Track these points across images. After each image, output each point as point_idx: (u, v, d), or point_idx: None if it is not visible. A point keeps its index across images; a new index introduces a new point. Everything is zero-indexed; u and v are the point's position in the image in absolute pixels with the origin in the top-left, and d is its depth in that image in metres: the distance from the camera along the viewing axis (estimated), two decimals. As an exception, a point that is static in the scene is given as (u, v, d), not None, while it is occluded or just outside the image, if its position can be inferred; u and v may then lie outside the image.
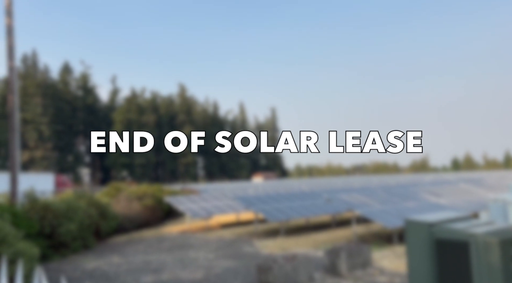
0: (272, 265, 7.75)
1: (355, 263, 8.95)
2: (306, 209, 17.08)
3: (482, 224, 5.29)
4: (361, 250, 9.19)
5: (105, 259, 12.33)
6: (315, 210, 17.08)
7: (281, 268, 7.78)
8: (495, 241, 4.61)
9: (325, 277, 8.68)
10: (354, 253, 8.98)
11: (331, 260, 8.88)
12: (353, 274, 8.78)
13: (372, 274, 8.74)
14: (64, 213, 13.68)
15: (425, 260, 5.25)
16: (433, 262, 5.15)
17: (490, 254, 4.65)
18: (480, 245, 4.72)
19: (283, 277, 7.79)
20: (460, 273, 4.83)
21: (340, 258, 8.70)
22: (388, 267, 9.38)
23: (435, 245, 5.13)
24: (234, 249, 13.18)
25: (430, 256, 5.20)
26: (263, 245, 13.69)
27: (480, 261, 4.70)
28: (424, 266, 5.26)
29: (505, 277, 4.58)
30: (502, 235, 4.83)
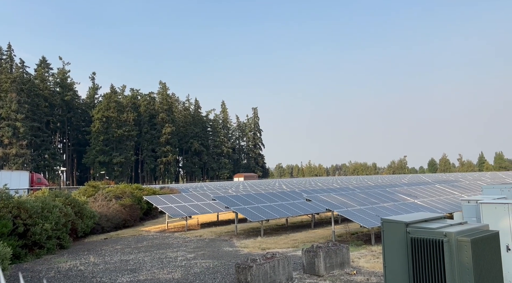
0: (251, 265, 7.76)
1: (333, 263, 9.05)
2: (286, 208, 17.16)
3: (455, 224, 5.43)
4: (339, 250, 9.29)
5: (82, 258, 12.11)
6: (295, 209, 17.19)
7: (260, 267, 7.80)
8: (467, 241, 4.74)
9: (303, 277, 8.74)
10: (332, 252, 9.08)
11: (309, 260, 8.95)
12: (331, 274, 8.87)
13: (350, 274, 8.85)
14: (39, 211, 13.37)
15: (401, 259, 5.35)
16: (408, 261, 5.26)
17: (462, 253, 4.77)
18: (453, 244, 4.84)
19: (262, 277, 7.81)
20: (434, 272, 4.94)
21: (319, 257, 8.78)
22: (365, 267, 9.52)
23: (410, 244, 5.24)
24: (214, 248, 13.14)
25: (406, 255, 5.30)
26: (242, 244, 13.69)
27: (452, 259, 4.83)
28: (400, 264, 5.36)
29: (476, 275, 4.71)
30: (473, 234, 4.97)
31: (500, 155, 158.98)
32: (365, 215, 13.11)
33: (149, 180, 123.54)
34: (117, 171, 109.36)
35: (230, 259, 11.11)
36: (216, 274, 9.32)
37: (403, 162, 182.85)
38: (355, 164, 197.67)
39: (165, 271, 9.85)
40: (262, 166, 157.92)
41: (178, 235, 17.02)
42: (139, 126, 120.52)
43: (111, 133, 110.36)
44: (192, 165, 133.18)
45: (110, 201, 21.64)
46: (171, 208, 19.22)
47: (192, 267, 10.22)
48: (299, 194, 20.20)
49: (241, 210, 16.03)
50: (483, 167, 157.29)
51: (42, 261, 12.04)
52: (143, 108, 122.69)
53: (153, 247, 13.95)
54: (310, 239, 14.21)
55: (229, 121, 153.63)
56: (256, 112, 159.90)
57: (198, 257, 11.69)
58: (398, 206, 14.63)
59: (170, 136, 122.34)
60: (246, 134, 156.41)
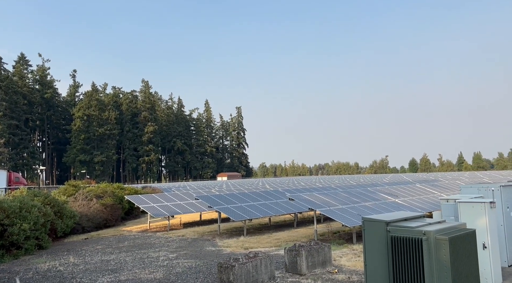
0: (233, 264, 7.75)
1: (315, 262, 9.12)
2: (269, 208, 17.20)
3: (434, 223, 5.54)
4: (321, 249, 9.36)
5: (61, 259, 11.90)
6: (278, 209, 17.24)
7: (242, 267, 7.80)
8: (445, 239, 4.85)
9: (285, 276, 8.78)
10: (314, 251, 9.14)
11: (291, 259, 9.00)
12: (313, 272, 8.94)
13: (331, 272, 8.94)
14: (17, 211, 13.07)
15: (381, 257, 5.43)
16: (389, 259, 5.34)
17: (440, 251, 4.87)
18: (431, 243, 4.94)
19: (244, 276, 7.81)
20: (413, 269, 5.03)
21: (301, 256, 8.83)
22: (347, 265, 9.62)
23: (390, 242, 5.32)
24: (196, 248, 13.08)
25: (386, 253, 5.38)
26: (225, 244, 13.67)
27: (431, 257, 4.92)
28: (380, 262, 5.44)
29: (453, 272, 4.82)
30: (451, 233, 5.08)
31: (478, 155, 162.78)
32: (347, 214, 13.25)
33: (131, 179, 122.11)
34: (98, 170, 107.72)
35: (212, 259, 11.08)
36: (199, 274, 9.29)
37: (385, 162, 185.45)
38: (338, 163, 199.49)
39: (146, 271, 9.76)
40: (246, 165, 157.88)
41: (160, 234, 16.88)
42: (121, 125, 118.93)
43: (92, 132, 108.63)
44: (175, 164, 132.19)
45: (91, 201, 21.31)
46: (153, 207, 19.04)
47: (174, 267, 10.15)
48: (282, 193, 20.28)
49: (224, 209, 16.00)
50: (462, 166, 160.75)
51: (20, 262, 11.78)
52: (125, 107, 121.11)
53: (135, 247, 13.80)
54: (293, 238, 14.29)
55: (212, 120, 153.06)
56: (240, 111, 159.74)
57: (180, 256, 11.62)
58: (379, 205, 14.83)
59: (152, 135, 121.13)
60: (230, 134, 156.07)
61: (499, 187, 9.13)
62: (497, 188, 9.13)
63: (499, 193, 9.07)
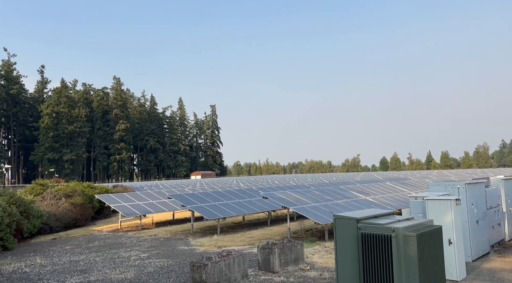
0: (206, 263, 7.71)
1: (287, 259, 9.19)
2: (243, 206, 17.21)
3: (403, 220, 5.68)
4: (293, 246, 9.45)
5: (27, 260, 11.51)
6: (252, 207, 17.27)
7: (215, 265, 7.77)
8: (413, 235, 4.98)
9: (258, 273, 8.81)
10: (287, 249, 9.21)
11: (264, 257, 9.04)
12: (286, 270, 9.01)
13: (303, 269, 9.03)
14: (-20, 211, 12.55)
15: (352, 254, 5.53)
16: (359, 255, 5.44)
17: (408, 247, 5.01)
18: (400, 239, 5.07)
19: (217, 275, 7.79)
20: (382, 265, 5.15)
21: (274, 254, 8.88)
22: (319, 262, 9.75)
23: (361, 239, 5.42)
24: (169, 247, 12.94)
25: (356, 250, 5.48)
26: (198, 243, 13.58)
27: (400, 253, 5.05)
28: (351, 259, 5.54)
29: (420, 267, 4.96)
30: (419, 229, 5.23)
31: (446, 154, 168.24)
32: (319, 211, 13.41)
33: (102, 178, 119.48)
34: (67, 169, 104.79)
35: (185, 258, 10.99)
36: (171, 273, 9.19)
37: (357, 160, 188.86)
38: (311, 162, 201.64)
39: (117, 271, 9.58)
40: (220, 164, 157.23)
41: (132, 234, 16.61)
42: (91, 122, 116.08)
43: (61, 130, 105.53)
44: (148, 163, 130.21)
45: (60, 200, 20.72)
46: (124, 206, 18.70)
47: (145, 267, 10.01)
48: (256, 192, 20.33)
49: (197, 208, 15.90)
50: (431, 165, 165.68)
51: (-17, 264, 11.32)
52: (96, 104, 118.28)
53: (105, 246, 13.52)
54: (266, 236, 14.35)
55: (186, 118, 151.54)
56: (214, 109, 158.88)
57: (152, 256, 11.47)
58: (351, 203, 15.10)
59: (124, 133, 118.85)
60: (204, 132, 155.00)
61: (464, 184, 9.46)
62: (462, 186, 9.46)
63: (464, 190, 9.40)
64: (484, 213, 10.11)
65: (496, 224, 10.86)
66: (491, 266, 8.72)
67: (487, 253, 9.94)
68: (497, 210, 11.02)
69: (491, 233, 10.47)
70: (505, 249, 10.51)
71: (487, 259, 9.41)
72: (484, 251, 9.79)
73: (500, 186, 11.61)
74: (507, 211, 11.67)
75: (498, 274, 7.98)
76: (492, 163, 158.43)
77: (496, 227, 10.81)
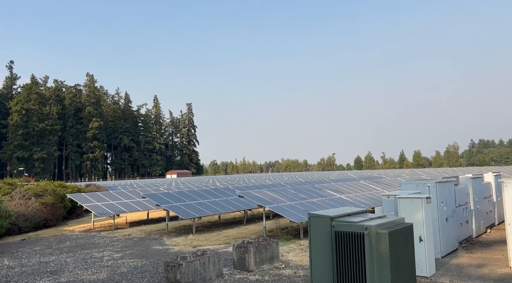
0: (180, 262, 7.65)
1: (263, 258, 9.22)
2: (219, 205, 17.15)
3: (375, 217, 5.79)
4: (269, 245, 9.48)
5: (-6, 262, 11.12)
6: (228, 206, 17.23)
7: (189, 265, 7.72)
8: (385, 233, 5.08)
9: (233, 272, 8.80)
10: (262, 247, 9.24)
11: (240, 255, 9.04)
12: (261, 268, 9.03)
13: (278, 268, 9.08)
14: None
15: (326, 251, 5.59)
16: (333, 253, 5.51)
17: (380, 244, 5.10)
18: (372, 237, 5.17)
19: (192, 274, 7.74)
20: (355, 262, 5.23)
21: (249, 253, 8.89)
22: (294, 260, 9.82)
23: (334, 237, 5.49)
24: (143, 247, 12.76)
25: (330, 247, 5.55)
26: (173, 242, 13.45)
27: (372, 250, 5.15)
28: (325, 256, 5.60)
29: (392, 264, 5.07)
30: (391, 227, 5.34)
31: (418, 153, 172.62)
32: (294, 210, 13.51)
33: (74, 177, 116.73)
34: (38, 168, 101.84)
35: (159, 258, 10.86)
36: (144, 273, 9.07)
37: (332, 159, 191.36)
38: (288, 161, 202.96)
39: (89, 272, 9.37)
40: (196, 162, 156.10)
41: (105, 234, 16.29)
42: (63, 120, 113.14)
43: (31, 127, 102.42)
44: (122, 162, 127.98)
45: (29, 200, 20.11)
46: (97, 206, 18.32)
47: (119, 267, 9.83)
48: (232, 191, 20.29)
49: (172, 207, 15.74)
50: (404, 164, 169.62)
51: None
52: (68, 101, 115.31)
53: (77, 247, 13.21)
54: (242, 235, 14.35)
55: (162, 116, 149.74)
56: (190, 108, 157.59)
57: (126, 256, 11.28)
58: (326, 201, 15.28)
59: (97, 131, 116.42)
60: (180, 131, 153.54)
61: (434, 183, 9.73)
62: (433, 184, 9.73)
63: (435, 189, 9.66)
64: (453, 211, 10.43)
65: (465, 221, 11.22)
66: (459, 262, 9.01)
67: (456, 250, 10.26)
68: (466, 208, 11.39)
69: (460, 230, 10.81)
70: (472, 245, 10.87)
71: (455, 255, 9.71)
72: (453, 247, 10.10)
73: (468, 184, 12.00)
74: (474, 209, 12.08)
75: (465, 270, 8.25)
76: (461, 162, 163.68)
77: (464, 224, 11.17)
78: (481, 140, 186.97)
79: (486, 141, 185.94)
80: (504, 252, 9.68)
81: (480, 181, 12.79)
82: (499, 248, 10.27)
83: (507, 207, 8.34)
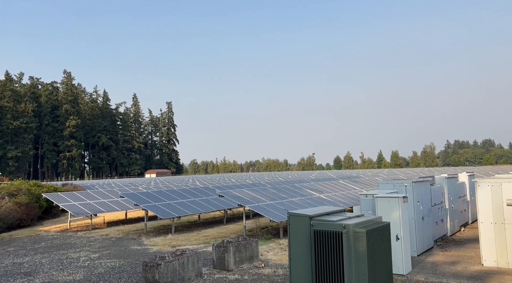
0: (159, 262, 7.58)
1: (242, 257, 9.22)
2: (198, 205, 17.06)
3: (353, 216, 5.87)
4: (248, 244, 9.49)
5: (-35, 264, 10.76)
6: (207, 206, 17.16)
7: (168, 265, 7.65)
8: (363, 232, 5.16)
9: (213, 272, 8.78)
10: (242, 247, 9.24)
11: (219, 255, 9.02)
12: (240, 268, 9.04)
13: (258, 267, 9.10)
14: None
15: (305, 250, 5.64)
16: (312, 251, 5.56)
17: (358, 243, 5.18)
18: (350, 235, 5.24)
19: (171, 274, 7.68)
20: (333, 261, 5.29)
21: (228, 252, 8.88)
22: (273, 259, 9.86)
23: (313, 236, 5.54)
24: (121, 247, 12.58)
25: (309, 246, 5.60)
26: (152, 242, 13.31)
27: (350, 249, 5.22)
28: (304, 255, 5.65)
29: (369, 262, 5.15)
30: (368, 226, 5.43)
31: (395, 154, 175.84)
32: (274, 209, 13.57)
33: (50, 176, 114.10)
34: (12, 166, 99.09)
35: (138, 258, 10.73)
36: (122, 274, 8.94)
37: (312, 159, 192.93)
38: (268, 160, 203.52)
39: (65, 273, 9.18)
40: (176, 162, 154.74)
41: (82, 234, 15.99)
42: (39, 118, 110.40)
43: (5, 125, 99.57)
44: (100, 161, 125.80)
45: (3, 199, 19.55)
46: (74, 206, 17.96)
47: (96, 267, 9.67)
48: (212, 190, 20.22)
49: (151, 207, 15.57)
50: (382, 164, 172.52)
51: None
52: (44, 99, 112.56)
53: (53, 247, 12.92)
54: (222, 235, 14.32)
55: (141, 115, 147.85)
56: (170, 107, 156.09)
57: (103, 256, 11.10)
58: (305, 201, 15.40)
59: (74, 129, 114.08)
60: (160, 130, 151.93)
61: (411, 183, 9.93)
62: (410, 184, 9.93)
63: (411, 188, 9.86)
64: (429, 210, 10.67)
65: (440, 220, 11.49)
66: (434, 260, 9.22)
67: (431, 248, 10.50)
68: (441, 207, 11.67)
69: (435, 229, 11.07)
70: (447, 243, 11.15)
71: (430, 253, 9.93)
72: (428, 245, 10.34)
73: (444, 184, 12.29)
74: (449, 208, 12.39)
75: (440, 267, 8.46)
76: (437, 162, 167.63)
77: (439, 222, 11.44)
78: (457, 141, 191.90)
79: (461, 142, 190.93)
80: (477, 250, 9.96)
81: (454, 180, 13.12)
82: (472, 246, 10.57)
83: (480, 206, 8.59)
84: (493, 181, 8.51)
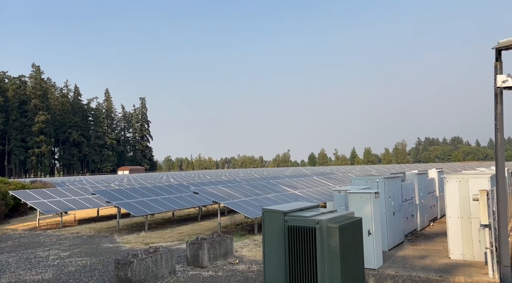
0: (132, 260, 7.46)
1: (217, 254, 9.20)
2: (172, 202, 16.89)
3: (326, 212, 5.95)
4: (223, 241, 9.47)
5: None
6: (182, 202, 17.02)
7: (141, 262, 7.55)
8: (336, 227, 5.23)
9: (186, 269, 8.72)
10: (216, 243, 9.22)
11: (193, 252, 8.96)
12: (215, 264, 9.01)
13: (232, 263, 9.10)
14: None
15: (279, 246, 5.67)
16: (285, 247, 5.60)
17: (331, 238, 5.25)
18: (324, 231, 5.30)
19: (144, 272, 7.57)
20: (307, 256, 5.35)
21: (203, 249, 8.84)
22: (248, 255, 9.88)
23: (287, 231, 5.58)
24: (92, 245, 12.32)
25: (283, 242, 5.64)
26: (124, 240, 13.10)
27: (323, 244, 5.28)
28: (278, 251, 5.68)
29: (342, 257, 5.24)
30: (341, 221, 5.51)
31: (368, 151, 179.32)
32: (249, 206, 13.59)
33: (18, 173, 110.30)
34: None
35: (110, 256, 10.54)
36: (94, 272, 8.76)
37: (287, 156, 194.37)
38: (244, 157, 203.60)
39: (33, 272, 8.91)
40: (150, 158, 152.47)
41: (51, 232, 15.56)
42: (6, 113, 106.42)
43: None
44: (70, 157, 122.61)
45: (-34, 197, 18.77)
46: (43, 203, 17.45)
47: (66, 266, 9.43)
48: (186, 187, 20.05)
49: (123, 204, 15.30)
50: (355, 160, 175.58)
51: None
52: (11, 93, 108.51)
53: (20, 246, 12.52)
54: (196, 232, 14.24)
55: (113, 111, 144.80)
56: (144, 102, 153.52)
57: (74, 255, 10.84)
58: (280, 197, 15.49)
59: (44, 125, 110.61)
60: (133, 125, 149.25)
61: (383, 179, 10.14)
62: (381, 180, 10.14)
63: (383, 184, 10.08)
64: (400, 205, 10.94)
65: (410, 215, 11.80)
66: (404, 254, 9.47)
67: (402, 242, 10.78)
68: (411, 202, 11.98)
69: (406, 224, 11.36)
70: (417, 238, 11.47)
71: (401, 247, 10.20)
72: (399, 240, 10.60)
73: (414, 180, 12.62)
74: (419, 203, 12.73)
75: (410, 261, 8.69)
76: (409, 159, 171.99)
77: (410, 218, 11.75)
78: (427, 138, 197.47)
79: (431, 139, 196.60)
80: (445, 244, 10.29)
81: (424, 177, 13.49)
82: (440, 240, 10.91)
83: (448, 201, 8.87)
84: (460, 177, 8.80)
